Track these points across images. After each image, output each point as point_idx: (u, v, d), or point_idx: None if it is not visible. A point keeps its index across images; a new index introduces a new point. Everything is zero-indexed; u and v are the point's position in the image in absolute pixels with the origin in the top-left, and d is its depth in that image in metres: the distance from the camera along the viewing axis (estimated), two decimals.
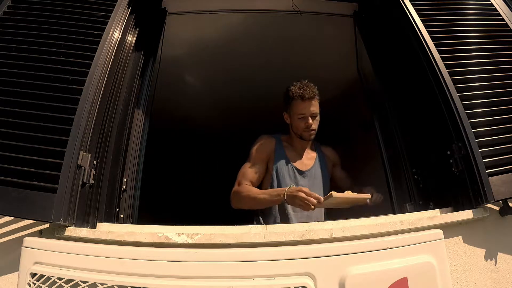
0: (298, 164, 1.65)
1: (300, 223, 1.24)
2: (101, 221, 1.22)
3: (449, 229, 1.20)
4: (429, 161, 1.48)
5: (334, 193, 1.29)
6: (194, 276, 0.89)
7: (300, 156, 1.68)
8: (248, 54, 2.59)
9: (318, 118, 1.64)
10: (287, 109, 1.70)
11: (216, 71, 2.78)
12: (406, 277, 0.93)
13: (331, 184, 1.73)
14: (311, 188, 1.54)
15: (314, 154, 1.73)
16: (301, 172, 1.63)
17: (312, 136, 1.65)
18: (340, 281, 0.90)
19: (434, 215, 1.25)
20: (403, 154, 1.56)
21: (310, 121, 1.60)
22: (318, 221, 1.34)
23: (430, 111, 1.46)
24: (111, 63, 1.37)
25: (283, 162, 1.63)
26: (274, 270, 0.90)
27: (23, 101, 1.22)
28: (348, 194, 1.34)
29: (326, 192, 1.62)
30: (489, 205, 1.26)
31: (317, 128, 1.65)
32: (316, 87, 1.66)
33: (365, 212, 1.35)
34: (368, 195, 1.38)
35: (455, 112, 1.33)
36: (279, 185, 1.59)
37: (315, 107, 1.61)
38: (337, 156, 1.82)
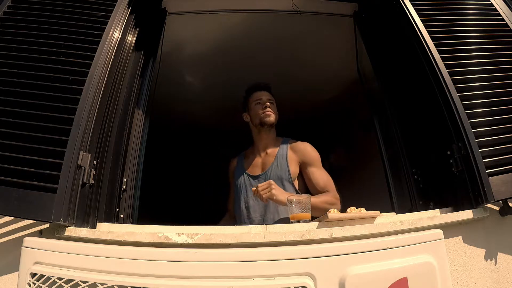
0: (251, 170, 1.71)
1: (300, 223, 1.24)
2: (101, 221, 1.22)
3: (449, 229, 1.21)
4: (429, 161, 1.48)
5: (330, 214, 1.18)
6: (194, 276, 0.89)
7: (256, 162, 1.72)
8: (248, 54, 2.59)
9: (274, 106, 1.76)
10: (245, 107, 1.83)
11: (216, 71, 2.78)
12: (406, 277, 0.93)
13: (305, 182, 1.65)
14: None
15: (274, 154, 1.68)
16: (254, 177, 1.68)
17: (271, 118, 1.71)
18: (340, 281, 0.90)
19: (434, 215, 1.25)
20: (403, 154, 1.57)
21: (267, 102, 1.73)
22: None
23: (430, 111, 1.46)
24: (111, 63, 1.37)
25: (240, 173, 1.73)
26: (274, 270, 0.90)
27: (23, 101, 1.22)
28: (351, 214, 1.21)
29: (288, 189, 1.58)
30: (489, 205, 1.26)
31: (274, 114, 1.73)
32: (266, 84, 1.83)
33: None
34: (377, 213, 1.22)
35: (455, 112, 1.33)
36: (237, 195, 1.68)
37: (270, 97, 1.78)
38: (309, 154, 1.64)
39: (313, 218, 1.30)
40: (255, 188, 1.48)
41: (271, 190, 1.43)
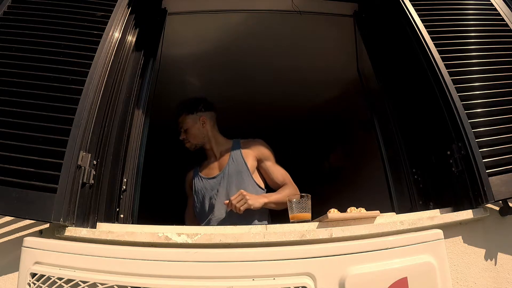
0: (208, 173, 1.78)
1: (300, 223, 1.24)
2: (101, 221, 1.22)
3: (449, 229, 1.21)
4: (429, 161, 1.47)
5: (330, 214, 1.19)
6: (194, 276, 0.89)
7: (211, 165, 1.79)
8: (248, 54, 2.59)
9: (192, 131, 1.81)
10: None
11: (216, 71, 2.78)
12: (406, 277, 0.93)
13: (264, 177, 1.75)
14: (228, 186, 1.66)
15: (228, 154, 1.75)
16: (212, 178, 1.74)
17: (191, 148, 1.83)
18: (340, 281, 0.90)
19: (434, 215, 1.25)
20: (403, 154, 1.56)
21: (181, 136, 1.83)
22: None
23: (430, 111, 1.46)
24: (111, 63, 1.37)
25: (197, 179, 1.80)
26: (274, 270, 0.90)
27: (23, 101, 1.22)
28: (351, 214, 1.21)
29: (248, 182, 1.65)
30: (489, 205, 1.26)
31: (192, 140, 1.82)
32: (177, 106, 1.86)
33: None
34: (377, 213, 1.23)
35: (455, 112, 1.33)
36: (197, 199, 1.75)
37: (183, 123, 1.83)
38: (264, 150, 1.75)
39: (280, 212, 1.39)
40: (227, 201, 1.53)
41: (247, 201, 1.49)
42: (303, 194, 1.35)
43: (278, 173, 1.72)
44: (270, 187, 1.75)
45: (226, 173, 1.69)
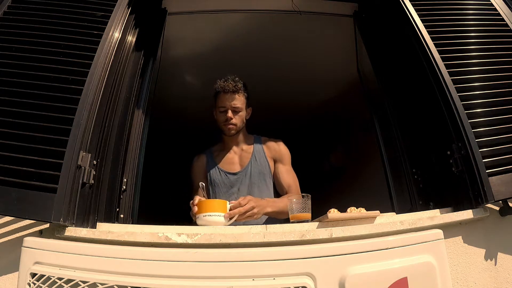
0: (228, 167, 1.68)
1: (300, 223, 1.24)
2: (101, 221, 1.22)
3: (449, 229, 1.21)
4: (429, 161, 1.47)
5: (330, 214, 1.18)
6: (194, 276, 0.89)
7: (231, 159, 1.70)
8: (248, 54, 2.59)
9: (241, 114, 1.67)
10: (214, 105, 1.72)
11: (216, 71, 2.77)
12: (406, 277, 0.93)
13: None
14: (250, 186, 1.59)
15: (250, 151, 1.69)
16: (233, 174, 1.66)
17: (232, 131, 1.66)
18: (340, 281, 0.90)
19: (434, 215, 1.25)
20: (403, 154, 1.57)
21: (230, 114, 1.63)
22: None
23: (430, 111, 1.46)
24: (111, 63, 1.37)
25: (214, 170, 1.68)
26: (274, 270, 0.90)
27: (23, 101, 1.22)
28: (351, 214, 1.21)
29: (269, 184, 1.63)
30: (489, 205, 1.26)
31: (239, 123, 1.66)
32: (241, 83, 1.67)
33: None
34: (377, 213, 1.22)
35: (455, 112, 1.33)
36: (213, 193, 1.65)
37: (237, 101, 1.64)
38: (281, 152, 1.69)
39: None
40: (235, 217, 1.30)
41: (253, 215, 1.34)
42: (303, 194, 1.35)
43: (287, 176, 1.64)
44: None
45: (248, 172, 1.64)
